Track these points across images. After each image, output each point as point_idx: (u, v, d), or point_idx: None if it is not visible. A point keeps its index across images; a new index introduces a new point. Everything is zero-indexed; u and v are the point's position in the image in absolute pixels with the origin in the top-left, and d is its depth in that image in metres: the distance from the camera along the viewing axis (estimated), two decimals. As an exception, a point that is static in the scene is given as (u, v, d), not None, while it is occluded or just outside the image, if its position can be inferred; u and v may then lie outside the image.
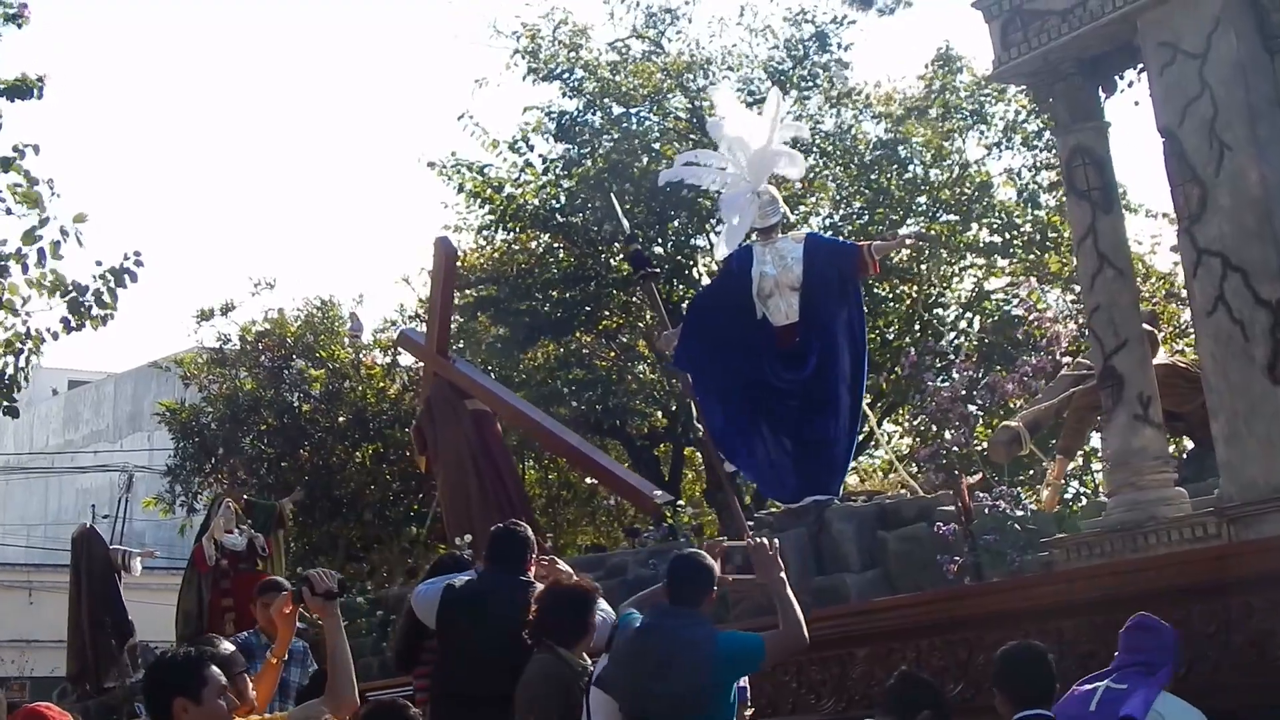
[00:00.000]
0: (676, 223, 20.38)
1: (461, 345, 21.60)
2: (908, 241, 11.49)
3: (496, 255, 21.35)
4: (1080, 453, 10.89)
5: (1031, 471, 10.79)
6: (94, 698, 17.73)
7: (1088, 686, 6.31)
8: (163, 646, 17.68)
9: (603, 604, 7.37)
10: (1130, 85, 8.83)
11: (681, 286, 19.89)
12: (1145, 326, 9.88)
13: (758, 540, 7.14)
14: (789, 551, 10.13)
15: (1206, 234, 7.77)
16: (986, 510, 9.42)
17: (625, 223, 12.26)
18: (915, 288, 20.15)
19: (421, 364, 16.34)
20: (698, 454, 13.84)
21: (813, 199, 21.26)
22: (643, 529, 14.48)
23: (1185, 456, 9.91)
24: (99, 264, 11.98)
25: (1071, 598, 7.92)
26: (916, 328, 19.64)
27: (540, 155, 21.47)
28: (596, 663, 6.75)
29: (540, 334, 20.42)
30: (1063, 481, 10.19)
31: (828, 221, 21.38)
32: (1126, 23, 8.21)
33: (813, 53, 21.47)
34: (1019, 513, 9.21)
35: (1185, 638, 7.18)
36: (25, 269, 11.84)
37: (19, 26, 11.93)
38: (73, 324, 11.97)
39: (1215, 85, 7.76)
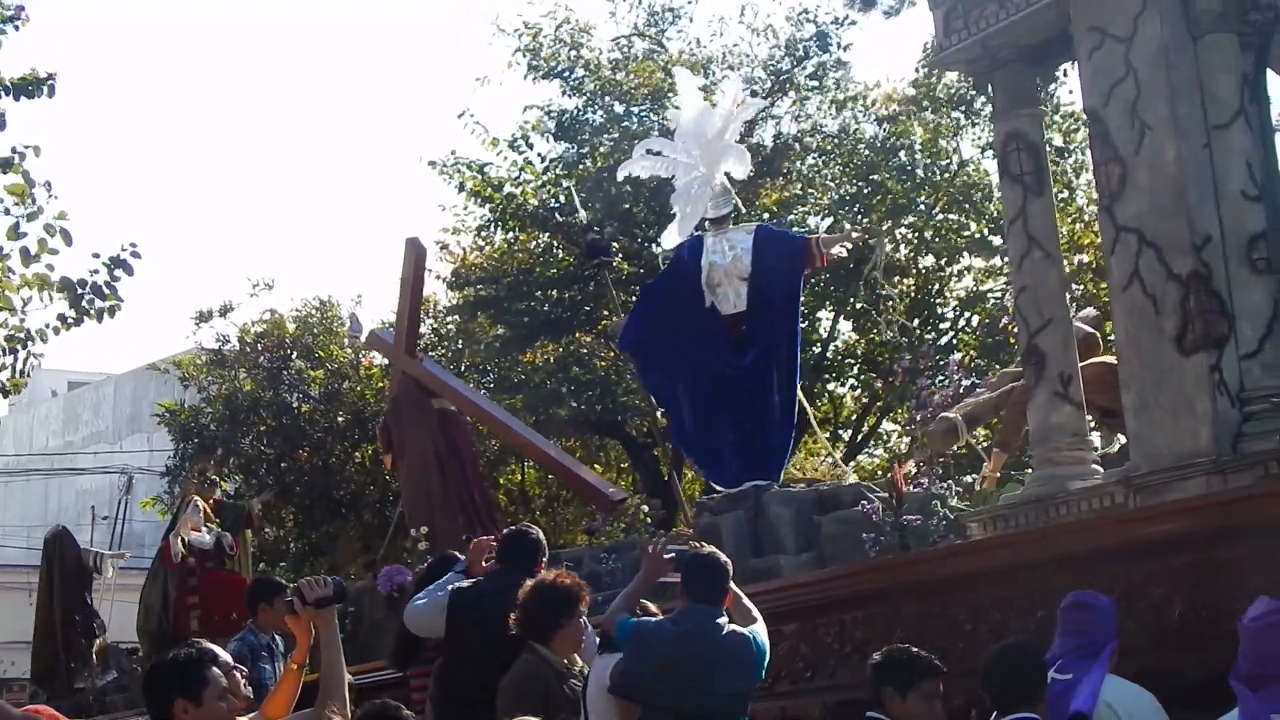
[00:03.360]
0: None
1: (460, 345, 21.76)
2: (854, 235, 11.69)
3: (496, 255, 21.33)
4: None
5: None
6: (63, 698, 17.82)
7: None
8: (132, 647, 17.81)
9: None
10: (1066, 75, 9.06)
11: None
12: (1089, 329, 10.09)
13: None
14: (726, 534, 10.34)
15: (1125, 211, 7.96)
16: (922, 488, 9.59)
17: (583, 213, 12.51)
18: (914, 285, 20.23)
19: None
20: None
21: (812, 198, 21.36)
22: (600, 527, 14.61)
23: (1119, 451, 10.01)
24: (96, 256, 11.81)
25: (980, 567, 8.07)
26: (915, 324, 19.65)
27: (539, 154, 21.55)
28: (597, 661, 6.80)
29: (539, 334, 20.38)
30: (999, 474, 10.30)
31: (827, 220, 21.39)
32: (1059, 9, 8.43)
33: (813, 52, 21.50)
34: (943, 491, 9.35)
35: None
36: (10, 272, 11.73)
37: (17, 28, 11.83)
38: (69, 319, 11.76)
39: (1139, 67, 7.96)
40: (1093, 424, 10.53)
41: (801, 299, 11.15)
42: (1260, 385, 7.54)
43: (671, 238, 11.54)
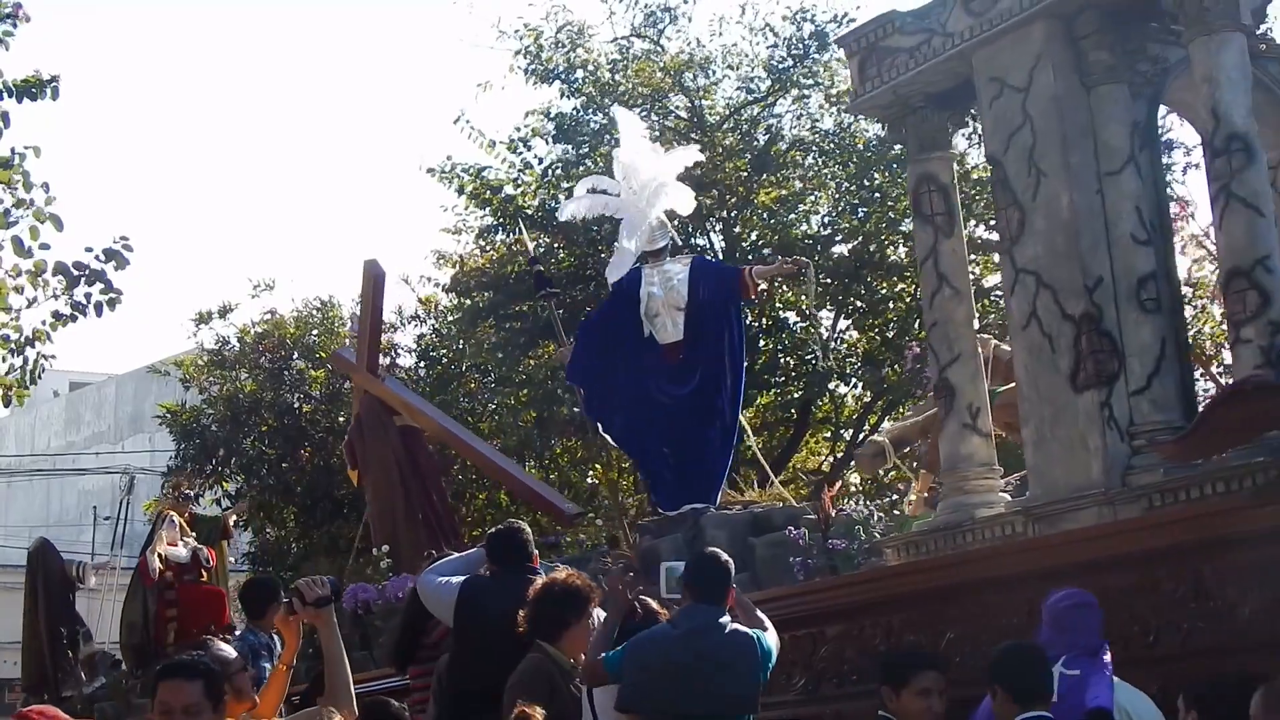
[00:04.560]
0: (676, 221, 20.24)
1: (461, 345, 21.84)
2: (786, 266, 12.13)
3: (497, 257, 21.30)
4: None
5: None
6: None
7: None
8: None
9: None
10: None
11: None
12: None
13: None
14: (666, 555, 10.74)
15: (1023, 254, 8.42)
16: (846, 514, 10.00)
17: (530, 246, 12.91)
18: (914, 285, 20.41)
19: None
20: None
21: (812, 198, 21.36)
22: (558, 541, 14.98)
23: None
24: (89, 250, 11.57)
25: (893, 592, 8.51)
26: (916, 325, 19.84)
27: (537, 156, 21.64)
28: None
29: (541, 335, 20.12)
30: (926, 495, 10.73)
31: (826, 220, 21.49)
32: (964, 59, 8.88)
33: (812, 51, 21.39)
34: (865, 516, 9.77)
35: (989, 627, 7.76)
36: (10, 274, 11.59)
37: (14, 26, 11.59)
38: (65, 316, 11.57)
39: (1035, 116, 8.42)
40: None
41: (740, 325, 11.53)
42: (1148, 420, 8.00)
43: (612, 273, 11.96)
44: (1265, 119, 8.82)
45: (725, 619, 6.50)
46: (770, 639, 6.65)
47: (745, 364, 11.43)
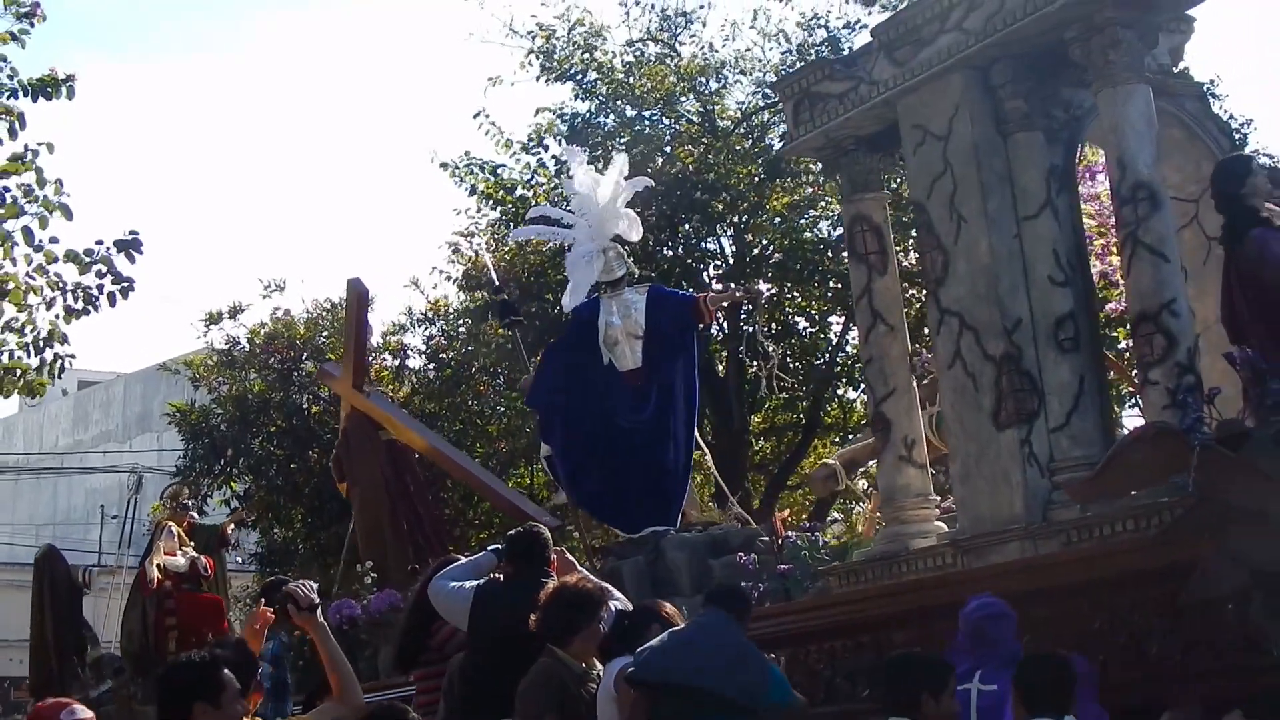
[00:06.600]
0: (688, 225, 20.56)
1: (471, 348, 22.16)
2: (737, 294, 12.52)
3: (508, 257, 21.21)
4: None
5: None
6: (58, 709, 18.54)
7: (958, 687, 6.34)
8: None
9: (618, 597, 7.61)
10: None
11: (692, 289, 19.09)
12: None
13: None
14: (628, 577, 11.14)
15: (948, 296, 8.76)
16: (791, 541, 10.38)
17: (494, 275, 13.27)
18: (922, 291, 20.57)
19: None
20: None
21: (823, 203, 21.45)
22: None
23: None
24: (100, 243, 11.49)
25: (834, 620, 8.90)
26: (924, 331, 19.97)
27: (553, 156, 21.68)
28: (608, 666, 6.95)
29: (551, 335, 20.40)
30: (878, 515, 11.07)
31: (838, 225, 21.20)
32: (889, 106, 9.21)
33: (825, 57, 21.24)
34: (811, 544, 10.14)
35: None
36: (13, 246, 11.45)
37: (31, 24, 11.55)
38: (77, 309, 11.47)
39: (955, 164, 8.76)
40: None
41: (695, 351, 11.92)
42: (1068, 456, 8.35)
43: (567, 300, 12.34)
44: (1186, 154, 9.21)
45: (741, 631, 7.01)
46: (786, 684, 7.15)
47: (698, 388, 11.79)
